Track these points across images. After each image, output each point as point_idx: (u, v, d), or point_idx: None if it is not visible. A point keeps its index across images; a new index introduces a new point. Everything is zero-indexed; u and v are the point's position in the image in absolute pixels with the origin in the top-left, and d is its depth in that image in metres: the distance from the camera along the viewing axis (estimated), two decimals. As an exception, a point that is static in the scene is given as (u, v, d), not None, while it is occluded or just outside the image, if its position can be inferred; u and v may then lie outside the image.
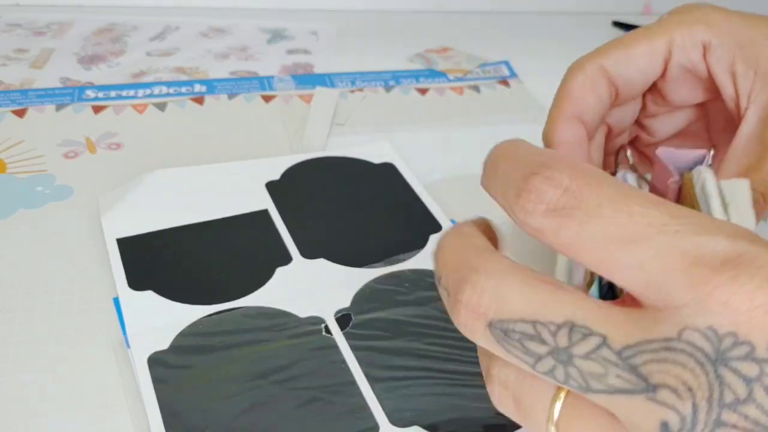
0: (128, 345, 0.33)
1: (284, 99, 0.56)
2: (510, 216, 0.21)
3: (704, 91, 0.35)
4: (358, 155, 0.48)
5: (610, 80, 0.33)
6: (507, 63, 0.64)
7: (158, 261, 0.38)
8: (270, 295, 0.36)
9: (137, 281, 0.36)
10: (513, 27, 0.73)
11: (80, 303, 0.36)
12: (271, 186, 0.44)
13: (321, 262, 0.39)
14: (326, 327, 0.34)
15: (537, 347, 0.20)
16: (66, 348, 0.33)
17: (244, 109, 0.54)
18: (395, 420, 0.30)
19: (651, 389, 0.18)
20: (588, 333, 0.19)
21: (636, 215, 0.19)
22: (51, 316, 0.35)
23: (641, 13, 0.77)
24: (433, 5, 0.76)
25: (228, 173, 0.45)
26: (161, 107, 0.54)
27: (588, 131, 0.34)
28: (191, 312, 0.35)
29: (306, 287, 0.37)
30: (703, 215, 0.20)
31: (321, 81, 0.59)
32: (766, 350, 0.17)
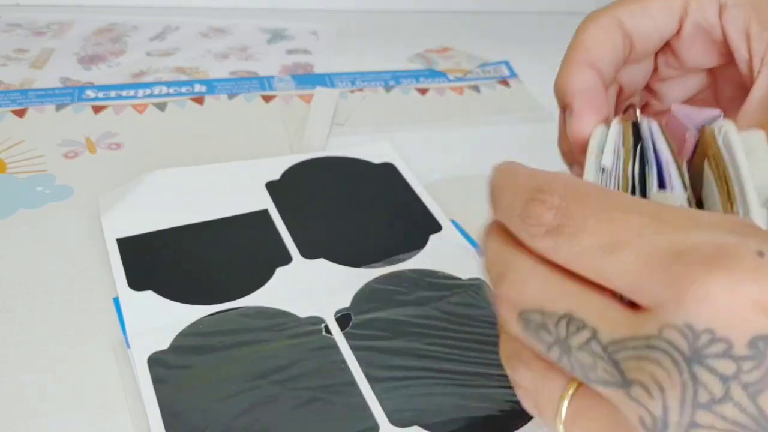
0: (128, 345, 0.33)
1: (284, 99, 0.56)
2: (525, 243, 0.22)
3: (717, 55, 0.34)
4: (358, 155, 0.48)
5: (625, 33, 0.32)
6: (507, 63, 0.64)
7: (158, 261, 0.38)
8: (270, 295, 0.36)
9: (137, 281, 0.36)
10: (513, 27, 0.73)
11: (80, 303, 0.36)
12: (271, 186, 0.44)
13: (321, 262, 0.39)
14: (326, 327, 0.34)
15: (546, 336, 0.21)
16: (66, 348, 0.33)
17: (244, 109, 0.54)
18: (395, 420, 0.30)
19: (627, 385, 0.18)
20: (582, 326, 0.20)
21: (617, 222, 0.19)
22: (51, 316, 0.35)
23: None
24: (433, 5, 0.76)
25: (228, 173, 0.45)
26: (161, 107, 0.54)
27: (603, 82, 0.32)
28: (191, 312, 0.35)
29: (306, 287, 0.37)
30: (685, 210, 0.20)
31: (321, 81, 0.59)
32: (745, 347, 0.17)
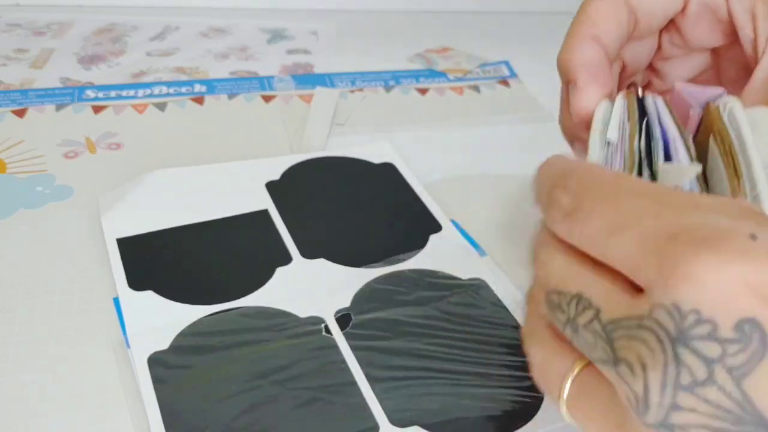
0: (128, 345, 0.33)
1: (284, 99, 0.56)
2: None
3: (722, 34, 0.34)
4: (358, 155, 0.48)
5: (631, 8, 0.32)
6: (507, 63, 0.64)
7: (158, 261, 0.38)
8: (270, 295, 0.36)
9: (137, 281, 0.36)
10: (513, 27, 0.73)
11: (80, 303, 0.36)
12: (271, 186, 0.44)
13: (321, 262, 0.39)
14: (326, 327, 0.34)
15: (561, 315, 0.21)
16: (66, 348, 0.33)
17: (244, 109, 0.54)
18: (395, 420, 0.30)
19: (616, 362, 0.19)
20: (588, 305, 0.20)
21: (622, 206, 0.20)
22: (51, 316, 0.35)
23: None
24: (433, 5, 0.76)
25: (228, 173, 0.45)
26: (161, 107, 0.54)
27: (607, 57, 0.32)
28: (191, 312, 0.35)
29: (306, 287, 0.37)
30: (688, 194, 0.20)
31: (321, 81, 0.59)
32: (731, 330, 0.17)
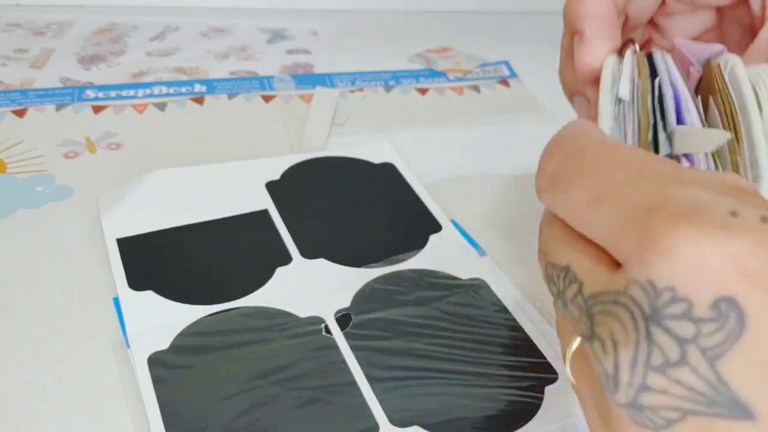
0: (128, 345, 0.33)
1: (284, 99, 0.56)
2: None
3: None
4: (358, 155, 0.48)
5: None
6: (507, 63, 0.64)
7: (158, 261, 0.38)
8: (270, 295, 0.36)
9: (137, 281, 0.36)
10: (513, 27, 0.73)
11: (80, 303, 0.36)
12: (271, 186, 0.44)
13: (321, 262, 0.39)
14: (326, 327, 0.34)
15: (553, 288, 0.21)
16: (66, 348, 0.33)
17: (244, 109, 0.54)
18: (395, 420, 0.30)
19: (591, 338, 0.18)
20: (574, 279, 0.20)
21: (604, 176, 0.19)
22: (51, 316, 0.35)
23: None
24: (433, 5, 0.76)
25: (228, 173, 0.45)
26: (161, 107, 0.54)
27: (616, 9, 0.31)
28: (191, 312, 0.35)
29: (306, 287, 0.37)
30: (674, 166, 0.19)
31: (321, 81, 0.59)
32: (707, 309, 0.16)
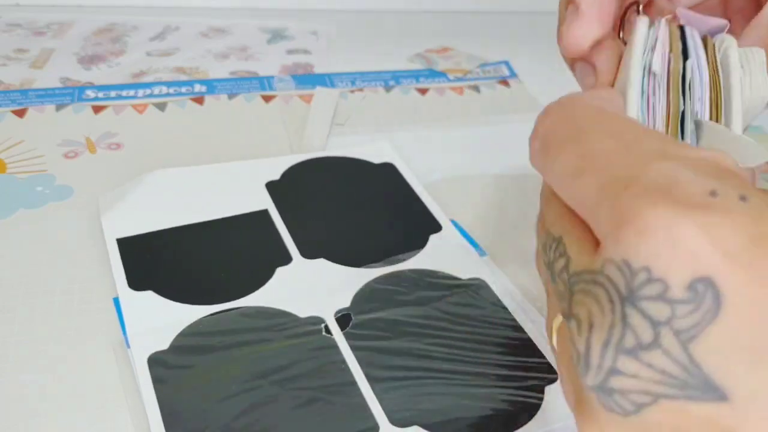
0: (128, 345, 0.33)
1: (284, 99, 0.56)
2: None
3: None
4: (358, 155, 0.48)
5: None
6: (507, 63, 0.64)
7: (158, 261, 0.38)
8: (270, 295, 0.36)
9: (137, 281, 0.36)
10: (513, 27, 0.73)
11: (80, 303, 0.36)
12: (271, 186, 0.44)
13: (321, 262, 0.39)
14: (326, 327, 0.34)
15: (545, 257, 0.21)
16: (66, 348, 0.33)
17: (244, 109, 0.54)
18: (395, 420, 0.30)
19: (569, 317, 0.18)
20: (563, 252, 0.19)
21: (591, 147, 0.19)
22: (51, 316, 0.35)
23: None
24: (433, 5, 0.76)
25: (228, 173, 0.45)
26: (161, 107, 0.54)
27: None
28: (191, 312, 0.35)
29: (306, 287, 0.37)
30: (661, 141, 0.18)
31: (321, 81, 0.59)
32: (683, 290, 0.15)
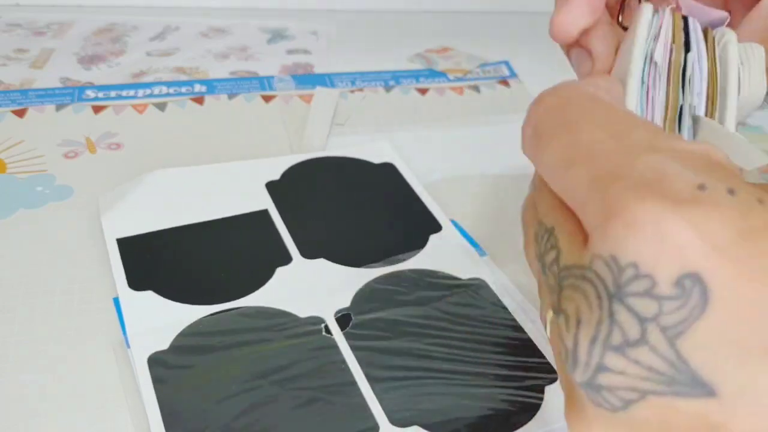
0: (128, 345, 0.33)
1: (284, 99, 0.56)
2: None
3: None
4: (358, 155, 0.48)
5: None
6: (507, 63, 0.64)
7: (158, 261, 0.38)
8: (270, 295, 0.36)
9: (137, 281, 0.36)
10: (513, 27, 0.73)
11: (80, 303, 0.36)
12: (271, 186, 0.44)
13: (321, 262, 0.39)
14: (326, 327, 0.34)
15: (536, 247, 0.20)
16: (66, 348, 0.33)
17: (244, 109, 0.54)
18: (395, 420, 0.30)
19: (557, 313, 0.18)
20: (554, 245, 0.19)
21: (583, 136, 0.18)
22: (51, 316, 0.35)
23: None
24: (433, 5, 0.76)
25: (228, 173, 0.45)
26: (161, 107, 0.54)
27: None
28: (191, 312, 0.35)
29: (306, 287, 0.37)
30: (651, 133, 0.18)
31: (321, 81, 0.59)
32: (670, 286, 0.15)
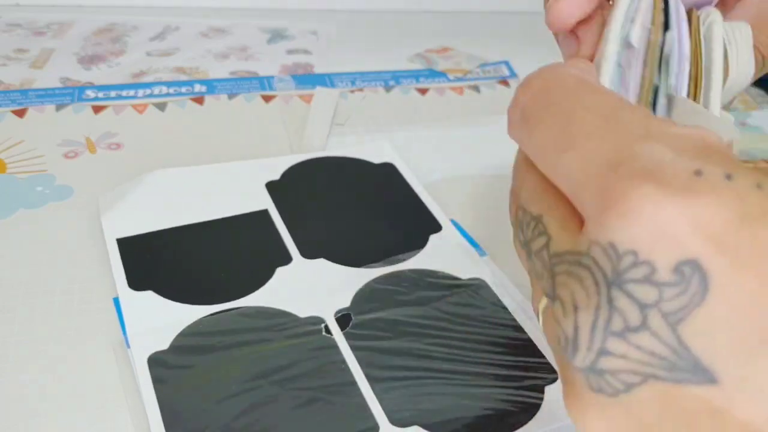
0: (128, 345, 0.33)
1: (284, 99, 0.56)
2: None
3: None
4: (358, 155, 0.48)
5: None
6: (507, 63, 0.64)
7: (158, 261, 0.38)
8: (270, 295, 0.36)
9: (137, 281, 0.36)
10: (513, 27, 0.73)
11: (80, 303, 0.36)
12: (271, 186, 0.44)
13: (321, 262, 0.39)
14: (326, 327, 0.34)
15: (521, 235, 0.20)
16: (66, 348, 0.33)
17: (244, 109, 0.54)
18: (395, 420, 0.30)
19: (553, 299, 0.18)
20: (542, 231, 0.19)
21: (573, 120, 0.18)
22: (51, 316, 0.35)
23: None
24: (433, 5, 0.76)
25: (228, 173, 0.45)
26: (161, 107, 0.54)
27: None
28: (191, 312, 0.35)
29: (306, 287, 0.37)
30: (644, 117, 0.18)
31: (321, 81, 0.59)
32: (670, 272, 0.15)
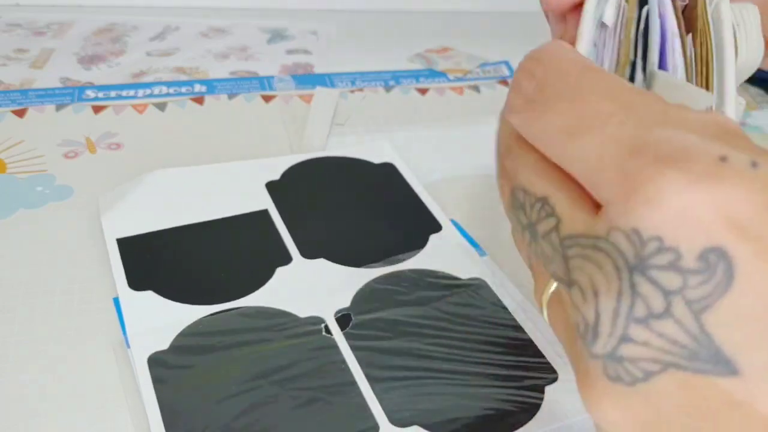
0: (128, 345, 0.33)
1: (284, 99, 0.56)
2: None
3: None
4: (358, 155, 0.48)
5: None
6: (507, 63, 0.64)
7: (158, 261, 0.38)
8: (270, 295, 0.36)
9: (137, 281, 0.36)
10: (513, 27, 0.73)
11: (80, 303, 0.36)
12: (271, 186, 0.44)
13: (321, 262, 0.39)
14: (326, 327, 0.34)
15: (522, 217, 0.20)
16: (66, 348, 0.33)
17: (244, 109, 0.54)
18: (395, 420, 0.30)
19: (569, 284, 0.18)
20: (550, 213, 0.19)
21: (587, 105, 0.18)
22: (51, 316, 0.35)
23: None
24: (433, 5, 0.76)
25: (228, 173, 0.45)
26: (161, 107, 0.54)
27: None
28: (191, 312, 0.35)
29: (306, 287, 0.37)
30: (660, 103, 0.18)
31: (321, 81, 0.59)
32: (694, 260, 0.15)
